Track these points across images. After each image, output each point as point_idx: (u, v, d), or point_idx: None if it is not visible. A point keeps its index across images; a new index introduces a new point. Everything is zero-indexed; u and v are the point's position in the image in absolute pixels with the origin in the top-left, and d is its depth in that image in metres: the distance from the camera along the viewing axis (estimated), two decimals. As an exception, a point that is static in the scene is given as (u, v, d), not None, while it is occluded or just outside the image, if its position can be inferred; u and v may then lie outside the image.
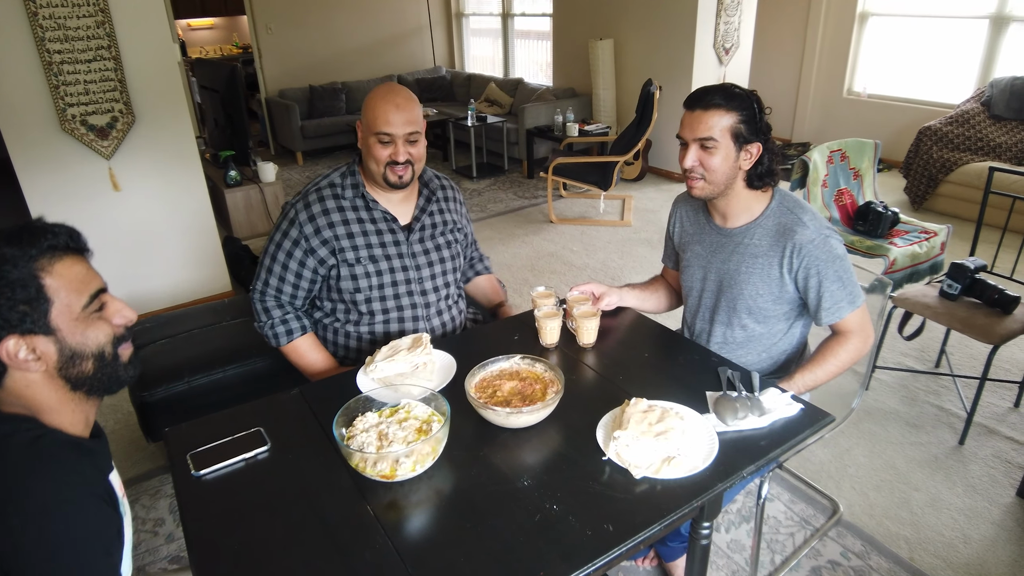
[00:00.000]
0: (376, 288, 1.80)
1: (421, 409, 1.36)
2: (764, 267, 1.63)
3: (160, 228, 3.55)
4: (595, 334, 1.68)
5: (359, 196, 1.79)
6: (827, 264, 1.56)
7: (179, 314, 2.72)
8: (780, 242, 1.60)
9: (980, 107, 5.02)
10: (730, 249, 1.68)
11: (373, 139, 1.68)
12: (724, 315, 1.72)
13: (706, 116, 1.55)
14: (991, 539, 2.07)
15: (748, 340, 1.72)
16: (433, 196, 1.90)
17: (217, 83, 4.86)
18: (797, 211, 1.61)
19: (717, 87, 1.58)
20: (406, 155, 1.70)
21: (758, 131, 1.57)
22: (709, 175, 1.58)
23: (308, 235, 1.75)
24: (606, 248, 4.48)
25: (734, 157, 1.57)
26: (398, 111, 1.66)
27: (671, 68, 5.57)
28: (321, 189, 1.79)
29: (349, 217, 1.78)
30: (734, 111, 1.54)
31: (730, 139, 1.55)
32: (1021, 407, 2.70)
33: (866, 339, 1.64)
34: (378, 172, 1.72)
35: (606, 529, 1.11)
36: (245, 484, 1.27)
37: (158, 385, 2.26)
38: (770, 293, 1.64)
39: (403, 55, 8.22)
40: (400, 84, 1.77)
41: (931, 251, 3.21)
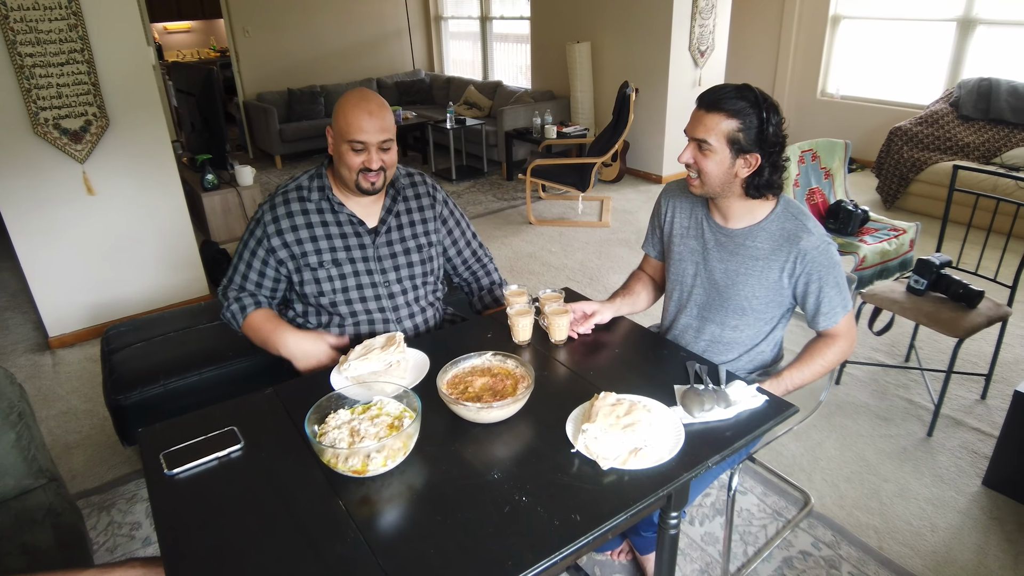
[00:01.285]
0: (340, 292, 1.80)
1: (393, 406, 1.38)
2: (763, 270, 1.62)
3: (136, 232, 3.53)
4: (566, 331, 1.70)
5: (325, 199, 1.79)
6: (828, 271, 1.58)
7: (155, 318, 2.70)
8: (784, 247, 1.59)
9: (949, 108, 5.13)
10: (730, 249, 1.67)
11: (346, 146, 1.67)
12: (714, 313, 1.72)
13: (706, 117, 1.52)
14: (957, 527, 2.12)
15: (735, 340, 1.74)
16: (400, 196, 1.88)
17: (193, 87, 4.84)
18: (802, 218, 1.60)
19: (730, 88, 1.52)
20: (379, 162, 1.70)
21: (762, 142, 1.51)
22: (703, 176, 1.57)
23: (270, 235, 1.76)
24: (584, 249, 4.52)
25: (729, 164, 1.53)
26: (371, 118, 1.66)
27: (648, 70, 5.63)
28: (288, 192, 1.80)
29: (314, 220, 1.78)
30: (735, 118, 1.49)
31: (726, 145, 1.51)
32: (987, 399, 2.77)
33: (852, 342, 1.68)
34: (351, 179, 1.72)
35: (574, 519, 1.14)
36: (218, 483, 1.28)
37: (133, 388, 2.25)
38: (765, 296, 1.65)
39: (382, 58, 8.22)
40: (371, 90, 1.75)
41: (900, 248, 3.28)
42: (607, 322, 1.79)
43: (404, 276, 1.87)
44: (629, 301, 1.88)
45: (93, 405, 2.96)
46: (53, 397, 3.05)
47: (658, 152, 5.83)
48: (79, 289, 3.45)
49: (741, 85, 1.52)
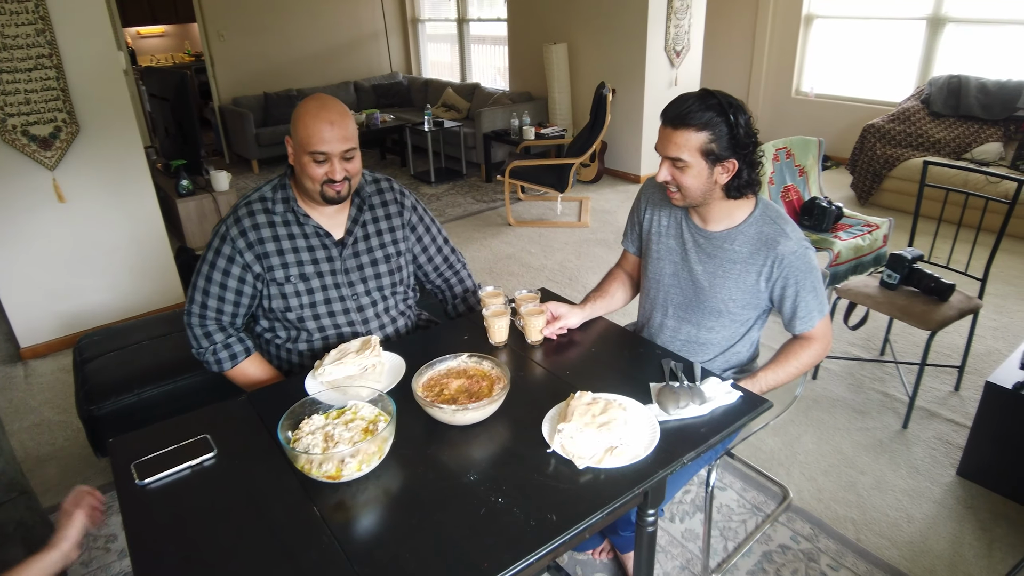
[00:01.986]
0: (308, 307, 1.75)
1: (368, 410, 1.37)
2: (741, 273, 1.63)
3: (109, 239, 3.48)
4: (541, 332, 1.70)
5: (290, 211, 1.72)
6: (805, 275, 1.58)
7: (128, 326, 2.67)
8: (762, 251, 1.59)
9: (920, 105, 5.21)
10: (708, 251, 1.66)
11: (307, 158, 1.61)
12: (691, 314, 1.73)
13: (675, 135, 1.50)
14: (932, 517, 2.15)
15: (711, 341, 1.75)
16: (365, 204, 1.82)
17: (167, 91, 4.78)
18: (780, 222, 1.60)
19: (692, 100, 1.49)
20: (343, 172, 1.64)
21: (735, 146, 1.50)
22: (684, 190, 1.56)
23: (241, 249, 1.68)
24: (564, 249, 4.53)
25: (708, 174, 1.53)
26: (332, 128, 1.59)
27: (624, 71, 5.66)
28: (251, 203, 1.73)
29: (280, 233, 1.71)
30: (705, 130, 1.47)
31: (701, 158, 1.50)
32: (960, 390, 2.81)
33: (827, 345, 1.70)
34: (314, 190, 1.65)
35: (550, 519, 1.14)
36: (191, 492, 1.26)
37: (106, 398, 2.21)
38: (742, 298, 1.65)
39: (359, 61, 8.18)
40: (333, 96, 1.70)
41: (874, 243, 3.32)
42: (578, 325, 1.78)
43: (372, 288, 1.82)
44: (603, 303, 1.87)
45: (66, 416, 2.91)
46: (25, 409, 3.00)
47: (636, 152, 5.86)
48: (51, 298, 3.40)
49: (701, 93, 1.51)
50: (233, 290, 1.72)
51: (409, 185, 6.16)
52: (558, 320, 1.73)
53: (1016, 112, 4.73)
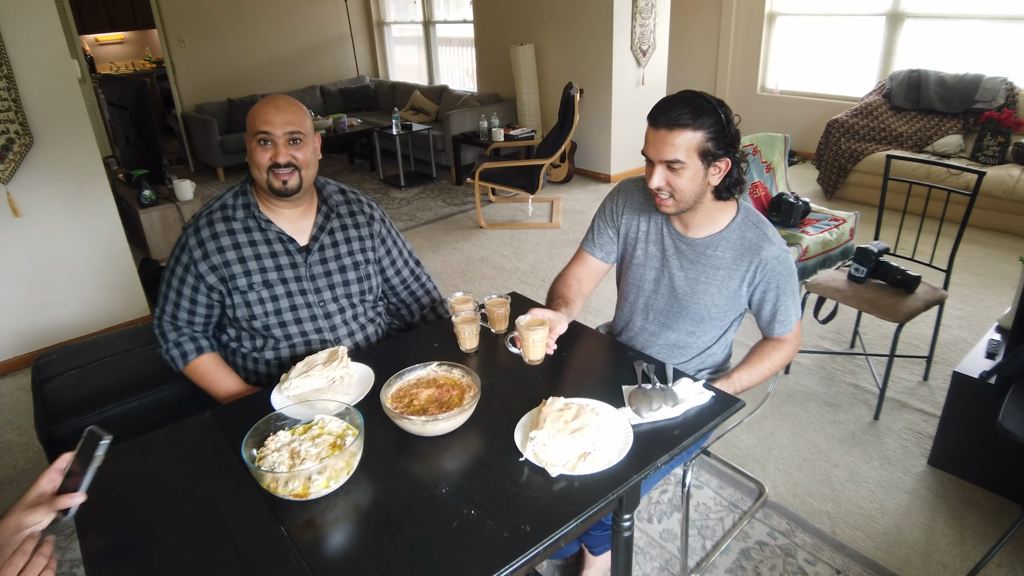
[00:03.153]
0: (273, 314, 1.72)
1: (335, 424, 1.33)
2: (724, 279, 1.62)
3: (68, 253, 3.38)
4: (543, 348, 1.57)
5: (251, 216, 1.70)
6: (786, 280, 1.59)
7: (89, 342, 2.58)
8: (746, 257, 1.59)
9: (882, 99, 5.30)
10: (691, 258, 1.65)
11: (253, 143, 1.62)
12: (672, 320, 1.71)
13: (671, 136, 1.47)
14: (905, 507, 2.18)
15: (690, 345, 1.74)
16: (333, 213, 1.80)
17: (126, 99, 4.66)
18: (762, 227, 1.60)
19: (683, 100, 1.47)
20: (288, 157, 1.62)
21: (727, 145, 1.49)
22: (678, 195, 1.53)
23: (196, 260, 1.67)
24: (536, 251, 4.51)
25: (703, 175, 1.51)
26: (278, 111, 1.61)
27: (592, 71, 5.67)
28: (212, 212, 1.70)
29: (240, 240, 1.69)
30: (702, 129, 1.46)
31: (698, 158, 1.48)
32: (929, 380, 2.86)
33: (798, 344, 1.72)
34: (262, 179, 1.64)
35: (523, 529, 1.11)
36: (153, 515, 1.22)
37: (67, 419, 2.14)
38: (724, 304, 1.65)
39: (325, 65, 8.09)
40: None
41: (841, 237, 3.36)
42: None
43: (340, 295, 1.79)
44: (576, 306, 1.76)
45: (28, 438, 2.81)
46: (-16, 431, 2.90)
47: (605, 152, 5.87)
48: (9, 316, 3.29)
49: (688, 95, 1.49)
50: (188, 298, 1.72)
51: (379, 189, 6.10)
52: (553, 330, 1.59)
53: (974, 105, 4.84)
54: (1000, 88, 4.77)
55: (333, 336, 1.79)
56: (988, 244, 4.25)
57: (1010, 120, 4.57)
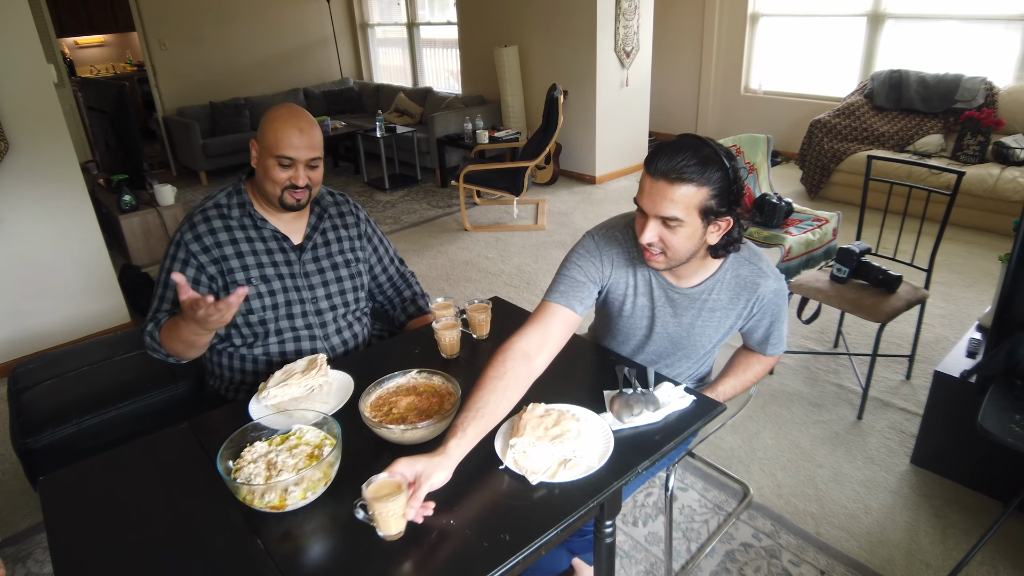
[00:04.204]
0: (270, 308, 1.74)
1: (313, 434, 1.32)
2: (721, 319, 1.56)
3: (47, 260, 3.33)
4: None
5: (247, 215, 1.74)
6: (781, 308, 1.56)
7: (67, 351, 2.54)
8: (742, 295, 1.52)
9: (863, 99, 5.34)
10: (684, 305, 1.55)
11: (272, 161, 1.64)
12: (668, 358, 1.67)
13: (671, 191, 1.31)
14: (889, 506, 2.18)
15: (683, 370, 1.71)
16: (325, 214, 1.85)
17: (105, 104, 4.61)
18: (755, 260, 1.51)
19: (688, 148, 1.30)
20: (306, 179, 1.67)
21: (731, 202, 1.34)
22: (670, 252, 1.39)
23: (195, 252, 1.68)
24: (521, 253, 4.50)
25: (700, 233, 1.37)
26: (302, 135, 1.63)
27: (576, 72, 5.67)
28: (207, 211, 1.72)
29: (238, 236, 1.72)
30: (707, 184, 1.30)
31: (698, 216, 1.33)
32: (912, 379, 2.87)
33: (779, 356, 1.71)
34: (274, 194, 1.68)
35: (503, 539, 1.10)
36: (127, 530, 1.19)
37: (43, 430, 2.10)
38: (718, 336, 1.61)
39: (308, 68, 8.04)
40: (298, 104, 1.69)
41: (824, 237, 3.37)
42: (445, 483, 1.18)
43: (333, 292, 1.83)
44: (482, 427, 1.24)
45: (5, 448, 2.77)
46: (-40, 442, 2.84)
47: (590, 153, 5.87)
48: (-15, 324, 3.24)
49: (693, 142, 1.32)
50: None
51: (363, 192, 6.07)
52: (418, 489, 1.12)
53: (955, 104, 4.88)
54: (979, 88, 4.82)
55: (322, 333, 1.81)
56: (969, 243, 4.29)
57: (989, 119, 4.61)
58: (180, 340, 1.61)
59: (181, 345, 1.63)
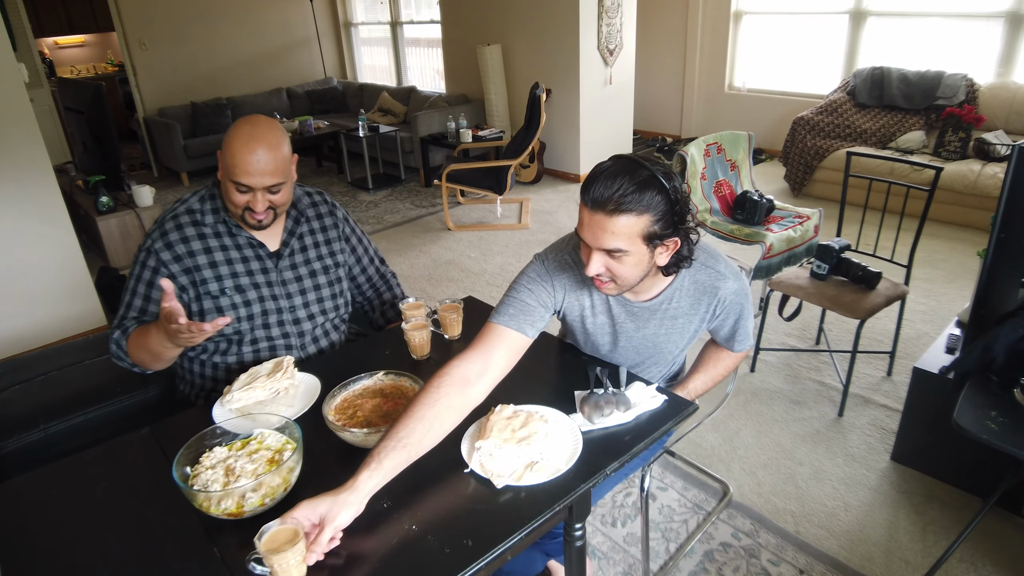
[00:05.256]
0: (245, 319, 1.68)
1: (274, 439, 1.28)
2: (684, 325, 1.53)
3: (19, 263, 3.27)
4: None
5: (221, 222, 1.66)
6: (744, 305, 1.53)
7: (35, 356, 2.49)
8: (703, 300, 1.48)
9: (846, 96, 5.35)
10: (646, 318, 1.52)
11: (230, 184, 1.54)
12: (638, 368, 1.64)
13: (611, 223, 1.25)
14: (868, 504, 2.17)
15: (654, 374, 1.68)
16: (302, 217, 1.78)
17: (82, 104, 4.53)
18: (712, 263, 1.46)
19: (622, 173, 1.24)
20: (266, 204, 1.58)
21: (676, 222, 1.29)
22: (619, 280, 1.35)
23: (167, 261, 1.60)
24: (504, 252, 4.48)
25: (648, 259, 1.32)
26: (258, 162, 1.52)
27: (559, 71, 5.64)
28: (179, 216, 1.65)
29: (211, 244, 1.65)
30: (647, 212, 1.24)
31: (642, 244, 1.28)
32: (892, 375, 2.87)
33: (749, 349, 1.68)
34: (236, 214, 1.61)
35: (465, 545, 1.07)
36: (80, 537, 1.16)
37: (9, 436, 2.05)
38: (684, 341, 1.58)
39: (291, 67, 7.97)
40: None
41: (805, 234, 3.37)
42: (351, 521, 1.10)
43: (311, 300, 1.76)
44: (400, 458, 1.15)
45: None
46: (-71, 449, 2.78)
47: (574, 151, 5.85)
48: (-44, 329, 3.18)
49: (627, 165, 1.26)
50: (156, 301, 1.61)
51: (347, 192, 6.02)
52: (320, 532, 1.04)
53: (936, 101, 4.90)
54: (960, 85, 4.83)
55: (300, 343, 1.76)
56: (951, 238, 4.30)
57: (970, 116, 4.63)
58: (147, 350, 1.56)
59: (147, 355, 1.58)
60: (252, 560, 1.02)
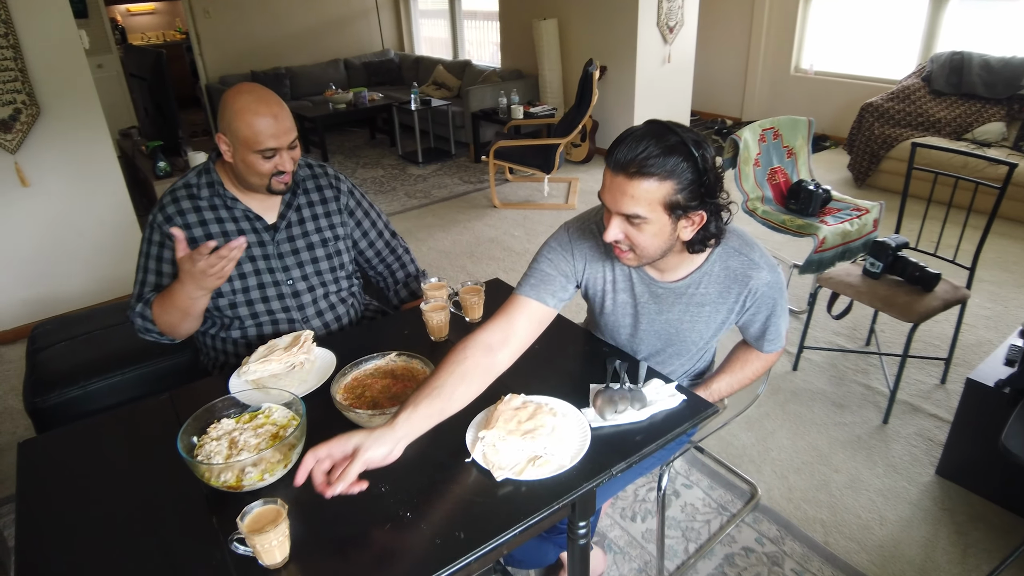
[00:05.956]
0: (240, 292, 1.68)
1: (281, 414, 1.28)
2: (711, 314, 1.44)
3: (75, 223, 3.40)
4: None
5: (216, 195, 1.66)
6: (778, 301, 1.44)
7: (83, 314, 2.59)
8: (733, 288, 1.40)
9: (921, 83, 5.03)
10: (671, 301, 1.45)
11: (254, 156, 1.56)
12: (657, 356, 1.57)
13: (631, 186, 1.20)
14: (907, 519, 2.06)
15: (676, 366, 1.61)
16: (299, 188, 1.75)
17: (144, 71, 4.66)
18: (746, 251, 1.39)
19: (649, 136, 1.19)
20: (291, 163, 1.61)
21: (704, 195, 1.23)
22: (639, 250, 1.29)
23: (169, 234, 1.61)
24: (548, 232, 4.37)
25: (670, 230, 1.26)
26: (277, 121, 1.55)
27: (616, 47, 5.49)
28: (176, 191, 1.66)
29: (207, 217, 1.65)
30: (670, 179, 1.19)
31: (663, 212, 1.22)
32: (947, 383, 2.70)
33: (781, 351, 1.60)
34: (261, 185, 1.61)
35: (457, 536, 1.05)
36: (90, 498, 1.19)
37: (51, 390, 2.14)
38: (710, 332, 1.50)
39: (349, 38, 8.01)
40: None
41: (863, 228, 3.19)
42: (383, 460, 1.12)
43: (310, 272, 1.75)
44: (434, 408, 1.18)
45: (11, 406, 2.85)
46: (-11, 396, 2.94)
47: (628, 132, 5.70)
48: (18, 284, 3.33)
49: (656, 129, 1.21)
50: (168, 275, 1.65)
51: (396, 165, 6.04)
52: (351, 463, 1.07)
53: (1020, 91, 4.55)
54: (1050, 73, 4.48)
55: (301, 316, 1.75)
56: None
57: (1058, 108, 4.29)
58: (175, 308, 1.58)
59: (176, 315, 1.60)
60: (235, 540, 1.02)
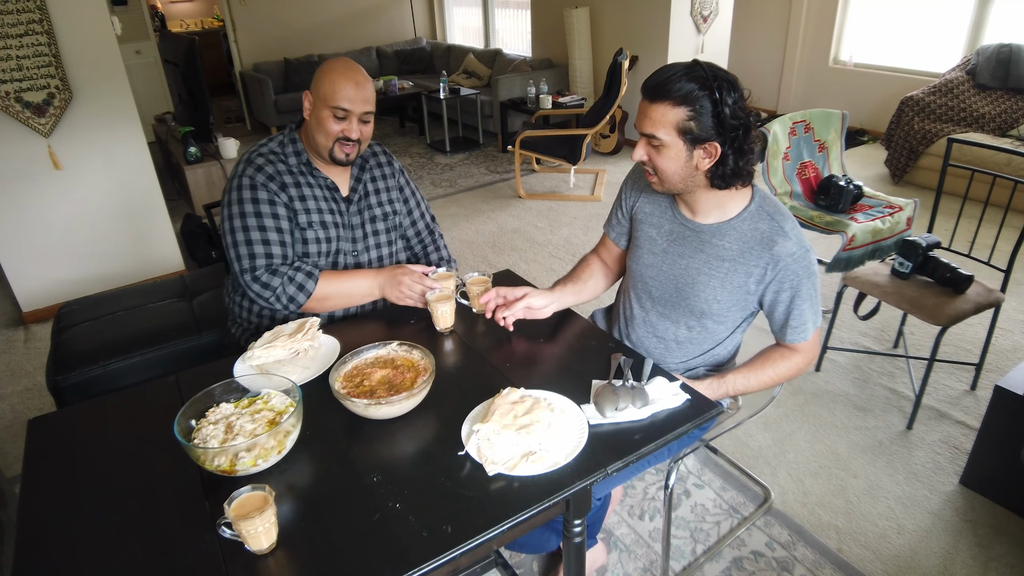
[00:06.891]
0: (324, 255, 1.76)
1: (279, 400, 1.28)
2: (728, 272, 1.46)
3: (106, 206, 3.47)
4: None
5: (303, 163, 1.74)
6: (803, 281, 1.42)
7: (107, 296, 2.64)
8: (756, 250, 1.43)
9: (965, 76, 4.84)
10: (694, 245, 1.50)
11: (327, 112, 1.64)
12: (670, 311, 1.58)
13: (651, 109, 1.35)
14: (926, 529, 1.99)
15: (690, 340, 1.60)
16: (366, 164, 1.86)
17: (178, 57, 4.73)
18: (778, 218, 1.43)
19: (676, 70, 1.32)
20: (358, 133, 1.68)
21: (718, 128, 1.32)
22: (660, 174, 1.42)
23: (276, 191, 1.67)
24: (572, 224, 4.37)
25: (686, 157, 1.36)
26: (358, 88, 1.65)
27: (647, 37, 5.40)
28: (264, 155, 1.70)
29: (300, 180, 1.72)
30: (684, 105, 1.31)
31: (678, 137, 1.34)
32: (977, 390, 2.61)
33: (811, 360, 1.55)
34: (326, 147, 1.68)
35: (444, 530, 1.04)
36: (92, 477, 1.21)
37: (72, 369, 2.19)
38: (728, 299, 1.49)
39: (382, 26, 8.03)
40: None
41: (895, 227, 3.09)
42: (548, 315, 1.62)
43: (371, 245, 1.85)
44: (573, 291, 1.69)
45: (34, 384, 2.92)
46: (21, 373, 3.03)
47: (659, 124, 5.61)
48: (51, 264, 3.41)
49: (690, 63, 1.34)
50: (280, 232, 1.66)
51: (424, 154, 6.04)
52: (517, 302, 1.55)
53: (1072, 86, 4.36)
54: (1104, 68, 4.27)
55: None
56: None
57: (1112, 104, 4.09)
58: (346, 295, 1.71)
59: (342, 298, 1.71)
60: (222, 524, 1.02)
